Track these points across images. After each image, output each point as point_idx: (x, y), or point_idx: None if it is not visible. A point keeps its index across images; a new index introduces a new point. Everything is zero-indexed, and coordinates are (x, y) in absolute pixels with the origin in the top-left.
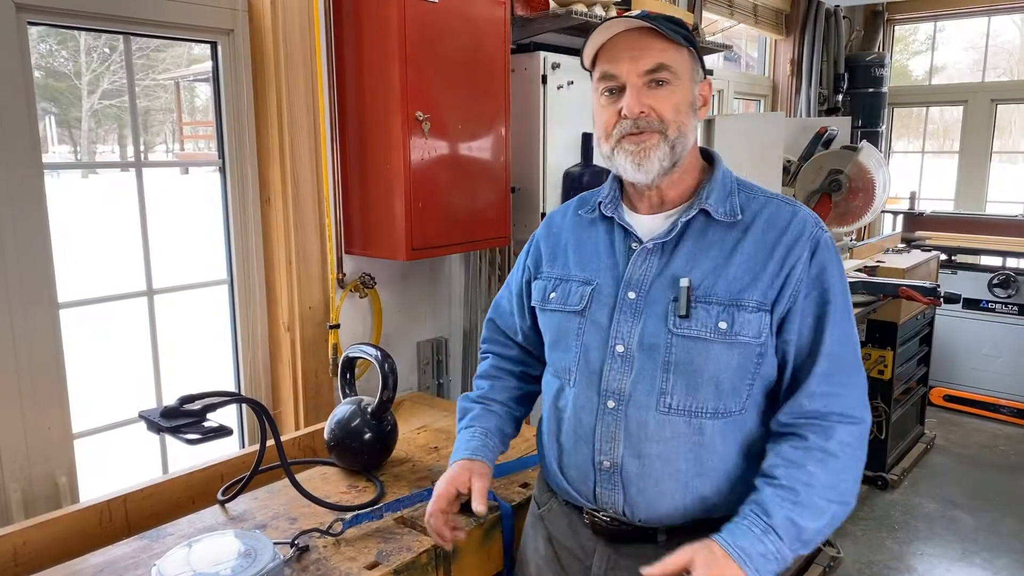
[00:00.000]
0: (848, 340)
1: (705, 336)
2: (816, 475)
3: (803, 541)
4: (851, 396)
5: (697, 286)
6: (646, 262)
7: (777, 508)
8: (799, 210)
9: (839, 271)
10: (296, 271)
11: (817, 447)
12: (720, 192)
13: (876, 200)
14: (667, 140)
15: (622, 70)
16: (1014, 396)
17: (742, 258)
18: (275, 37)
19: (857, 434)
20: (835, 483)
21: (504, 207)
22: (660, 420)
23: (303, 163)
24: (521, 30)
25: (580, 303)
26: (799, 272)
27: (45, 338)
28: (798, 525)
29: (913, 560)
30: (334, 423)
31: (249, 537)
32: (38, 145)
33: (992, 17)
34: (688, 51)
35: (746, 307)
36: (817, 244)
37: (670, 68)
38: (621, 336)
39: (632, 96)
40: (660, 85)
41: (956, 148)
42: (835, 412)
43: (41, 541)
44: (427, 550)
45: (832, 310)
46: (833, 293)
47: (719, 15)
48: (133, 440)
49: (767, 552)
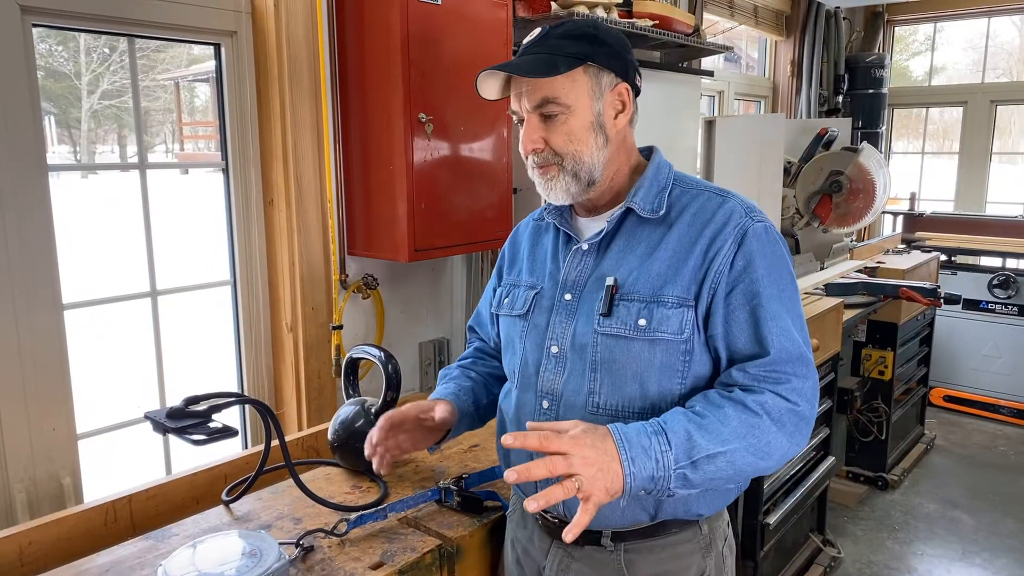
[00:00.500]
0: (790, 334)
1: (625, 334)
2: (731, 416)
3: (691, 461)
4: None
5: (623, 284)
6: (581, 263)
7: (679, 421)
8: (729, 200)
9: (773, 262)
10: (299, 272)
11: (740, 399)
12: (649, 189)
13: (876, 201)
14: (566, 171)
15: (517, 105)
16: (1014, 397)
17: (666, 253)
18: (278, 39)
19: (786, 410)
20: (748, 432)
21: (506, 208)
22: (590, 420)
23: (306, 164)
24: (523, 32)
25: (524, 307)
26: (719, 264)
27: (49, 339)
28: (692, 440)
29: (913, 560)
30: (338, 424)
31: (254, 537)
32: (42, 146)
33: (992, 18)
34: (584, 68)
35: (666, 303)
36: (744, 235)
37: (556, 100)
38: (556, 337)
39: (525, 133)
40: (552, 117)
41: (956, 149)
42: (768, 389)
43: (47, 541)
44: (431, 550)
45: (766, 302)
46: (763, 284)
47: (720, 16)
48: (137, 441)
49: (650, 447)
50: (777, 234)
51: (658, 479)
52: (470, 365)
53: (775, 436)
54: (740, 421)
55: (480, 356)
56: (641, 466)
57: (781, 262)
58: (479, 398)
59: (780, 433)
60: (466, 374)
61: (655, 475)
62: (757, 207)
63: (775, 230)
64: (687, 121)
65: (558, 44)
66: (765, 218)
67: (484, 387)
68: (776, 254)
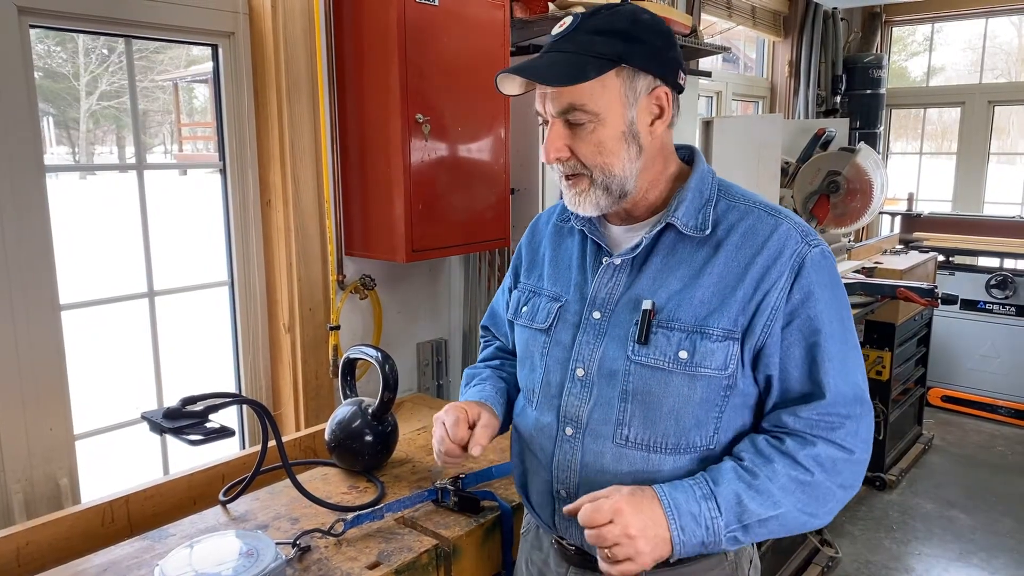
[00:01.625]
0: (848, 375)
1: (664, 366)
2: (780, 472)
3: (743, 524)
4: (846, 428)
5: (661, 309)
6: (613, 279)
7: (728, 481)
8: (782, 222)
9: (833, 293)
10: (296, 273)
11: (791, 453)
12: (693, 202)
13: (874, 201)
14: (596, 184)
15: (543, 106)
16: (1012, 397)
17: (711, 279)
18: (276, 40)
19: (841, 460)
20: (799, 490)
21: (504, 209)
22: (617, 453)
23: (304, 165)
24: (520, 32)
25: (546, 321)
26: (775, 298)
27: (47, 339)
28: (743, 504)
29: (911, 560)
30: (335, 424)
31: (251, 537)
32: (40, 147)
33: (990, 19)
34: (617, 72)
35: (711, 335)
36: (802, 264)
37: (584, 108)
38: (582, 359)
39: (548, 140)
40: (579, 125)
41: (954, 149)
42: (822, 436)
43: (44, 541)
44: (428, 550)
45: (824, 341)
46: (822, 321)
47: (717, 17)
48: (134, 441)
49: (700, 515)
50: (831, 256)
51: (708, 544)
52: (499, 367)
53: (828, 490)
54: (790, 479)
55: (505, 357)
56: (691, 534)
57: (840, 292)
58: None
59: (834, 485)
60: (499, 375)
61: (705, 541)
62: (811, 229)
63: (830, 253)
64: (684, 122)
65: (588, 42)
66: (821, 241)
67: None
68: (835, 283)
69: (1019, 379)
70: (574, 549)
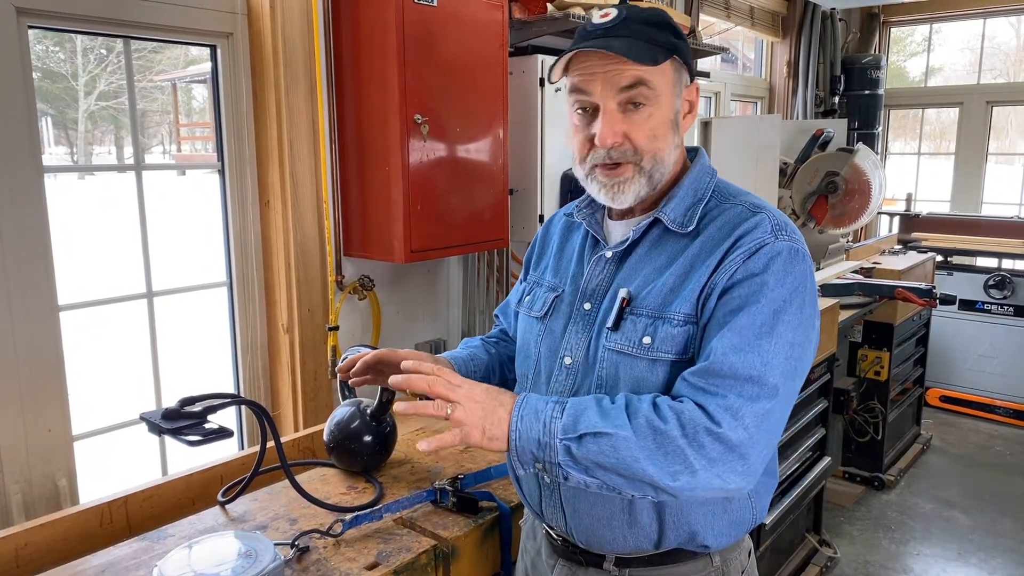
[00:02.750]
0: (747, 352)
1: (628, 351)
2: (639, 411)
3: (578, 435)
4: (721, 399)
5: (636, 297)
6: (603, 271)
7: (586, 400)
8: (759, 214)
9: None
10: (295, 273)
11: (658, 401)
12: (683, 200)
13: (872, 202)
14: (643, 172)
15: (595, 88)
16: (1010, 397)
17: (679, 267)
18: (274, 40)
19: (703, 427)
20: (648, 433)
21: (502, 209)
22: None
23: (302, 165)
24: (519, 33)
25: (542, 309)
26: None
27: (45, 340)
28: (585, 414)
29: (909, 560)
30: (333, 424)
31: (250, 538)
32: (38, 148)
33: (988, 19)
34: (671, 61)
35: (672, 320)
36: (758, 250)
37: (649, 84)
38: (570, 348)
39: (605, 123)
40: (637, 107)
41: (952, 150)
42: (694, 400)
43: (42, 542)
44: (426, 551)
45: (740, 318)
46: (750, 303)
47: (716, 18)
48: (132, 442)
49: (542, 411)
50: (802, 258)
51: (544, 445)
52: (493, 343)
53: (678, 449)
54: (646, 420)
55: (504, 338)
56: (529, 424)
57: (792, 292)
58: (490, 375)
59: (691, 450)
60: (486, 348)
61: (540, 439)
62: (791, 226)
63: (802, 253)
64: None
65: (644, 31)
66: (795, 240)
67: (499, 366)
68: (786, 280)
69: (1017, 379)
70: (561, 540)
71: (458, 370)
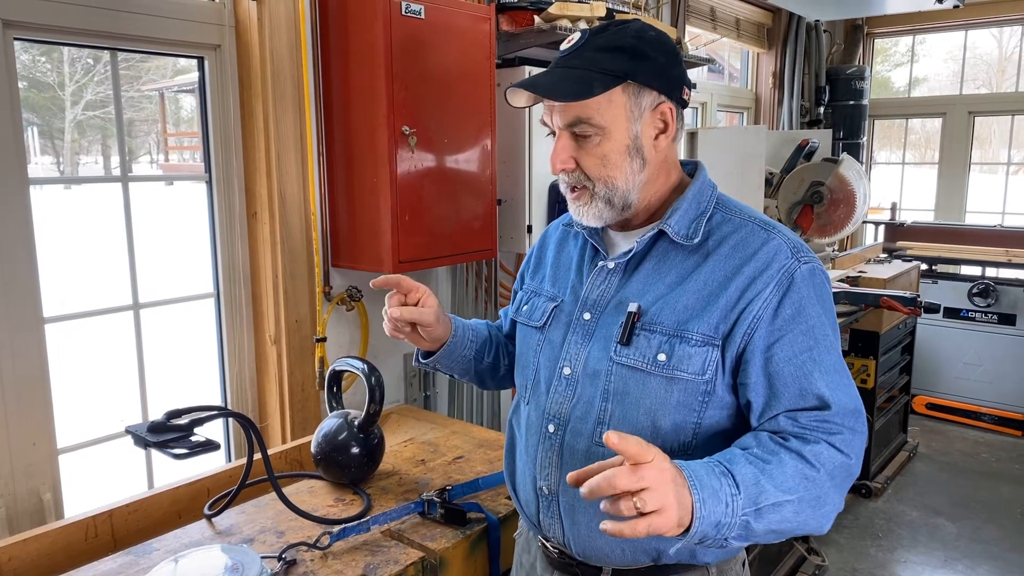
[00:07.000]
0: (848, 388)
1: (642, 367)
2: (787, 463)
3: (757, 508)
4: (844, 435)
5: (645, 312)
6: (605, 282)
7: (742, 464)
8: (774, 236)
9: (823, 308)
10: (283, 284)
11: (796, 449)
12: (688, 212)
13: (857, 211)
14: (597, 197)
15: (550, 118)
16: (995, 404)
17: (696, 285)
18: (262, 52)
19: (840, 463)
20: (805, 483)
21: (490, 220)
22: (595, 451)
23: (290, 177)
24: (506, 45)
25: (541, 319)
26: (759, 307)
27: (30, 352)
28: (760, 485)
29: (896, 567)
30: (321, 436)
31: (236, 551)
32: (23, 159)
33: (969, 31)
34: (623, 88)
35: (690, 339)
36: (792, 280)
37: (590, 121)
38: (569, 358)
39: (556, 150)
40: (585, 138)
41: (936, 159)
42: (822, 439)
43: (27, 557)
44: (414, 563)
45: (821, 354)
46: (817, 335)
47: (702, 29)
48: (118, 455)
49: (720, 490)
50: (824, 274)
51: (723, 526)
52: (496, 327)
53: (828, 490)
54: (797, 471)
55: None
56: (711, 509)
57: (830, 309)
58: (483, 351)
59: (832, 487)
60: (488, 329)
61: (721, 521)
62: (805, 246)
63: (822, 270)
64: None
65: (595, 58)
66: (813, 258)
67: (495, 349)
68: (824, 299)
69: (1002, 386)
70: (557, 553)
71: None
